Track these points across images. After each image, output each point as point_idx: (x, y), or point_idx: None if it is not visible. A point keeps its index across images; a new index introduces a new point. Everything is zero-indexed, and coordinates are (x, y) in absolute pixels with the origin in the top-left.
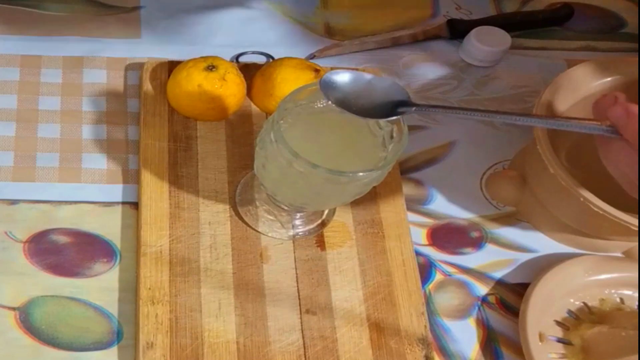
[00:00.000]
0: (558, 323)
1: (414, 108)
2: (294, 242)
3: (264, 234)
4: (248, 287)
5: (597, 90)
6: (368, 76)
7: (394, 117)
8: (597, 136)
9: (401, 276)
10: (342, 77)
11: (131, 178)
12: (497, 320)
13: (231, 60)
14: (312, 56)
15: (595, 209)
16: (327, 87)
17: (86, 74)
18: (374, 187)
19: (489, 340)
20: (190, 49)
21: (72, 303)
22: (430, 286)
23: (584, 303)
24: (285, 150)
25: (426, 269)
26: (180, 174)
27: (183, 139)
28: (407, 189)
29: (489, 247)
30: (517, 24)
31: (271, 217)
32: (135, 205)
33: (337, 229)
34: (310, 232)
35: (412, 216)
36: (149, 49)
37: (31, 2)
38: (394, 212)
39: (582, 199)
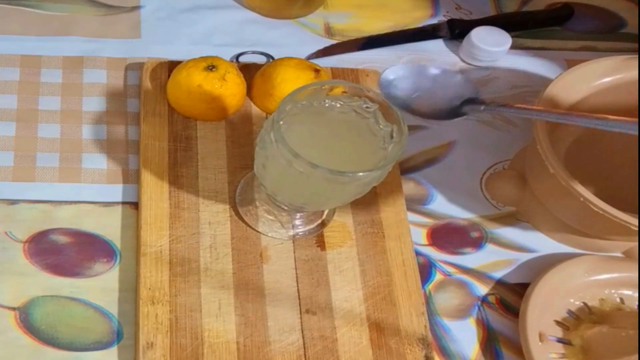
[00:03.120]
0: (558, 323)
1: (482, 107)
2: (294, 242)
3: (264, 234)
4: (248, 287)
5: (597, 90)
6: (434, 71)
7: (460, 118)
8: None
9: (401, 276)
10: (404, 74)
11: (131, 178)
12: (497, 320)
13: (231, 60)
14: (312, 56)
15: (595, 209)
16: (387, 86)
17: (86, 74)
18: (374, 187)
19: (489, 340)
20: (190, 49)
21: (72, 303)
22: (430, 286)
23: (584, 303)
24: (285, 150)
25: (426, 269)
26: (180, 174)
27: (183, 139)
28: (407, 189)
29: (489, 247)
30: (517, 24)
31: (271, 217)
32: (135, 205)
33: (337, 229)
34: (310, 232)
35: (412, 216)
36: (149, 49)
37: (31, 2)
38: (394, 212)
39: (582, 199)
